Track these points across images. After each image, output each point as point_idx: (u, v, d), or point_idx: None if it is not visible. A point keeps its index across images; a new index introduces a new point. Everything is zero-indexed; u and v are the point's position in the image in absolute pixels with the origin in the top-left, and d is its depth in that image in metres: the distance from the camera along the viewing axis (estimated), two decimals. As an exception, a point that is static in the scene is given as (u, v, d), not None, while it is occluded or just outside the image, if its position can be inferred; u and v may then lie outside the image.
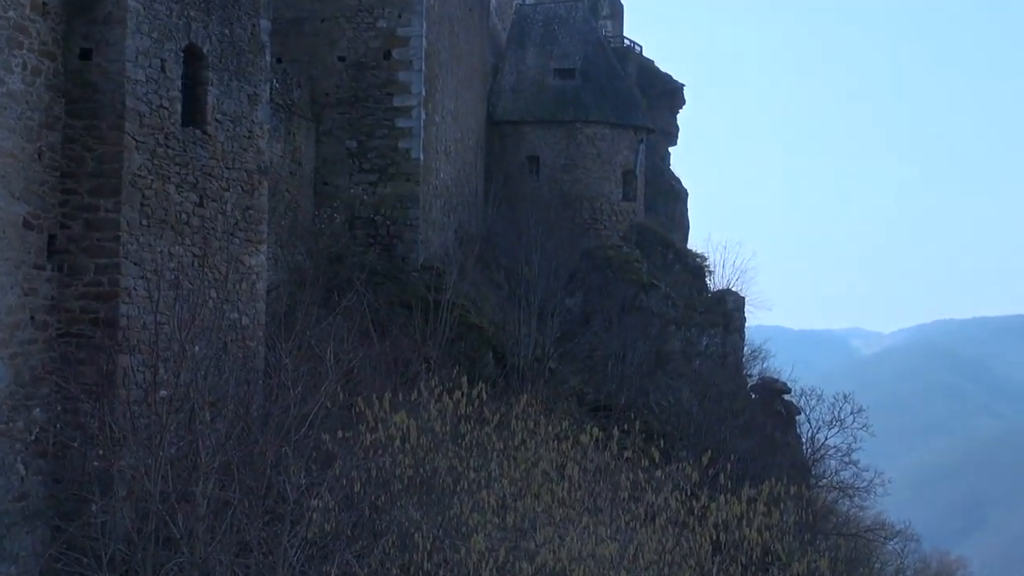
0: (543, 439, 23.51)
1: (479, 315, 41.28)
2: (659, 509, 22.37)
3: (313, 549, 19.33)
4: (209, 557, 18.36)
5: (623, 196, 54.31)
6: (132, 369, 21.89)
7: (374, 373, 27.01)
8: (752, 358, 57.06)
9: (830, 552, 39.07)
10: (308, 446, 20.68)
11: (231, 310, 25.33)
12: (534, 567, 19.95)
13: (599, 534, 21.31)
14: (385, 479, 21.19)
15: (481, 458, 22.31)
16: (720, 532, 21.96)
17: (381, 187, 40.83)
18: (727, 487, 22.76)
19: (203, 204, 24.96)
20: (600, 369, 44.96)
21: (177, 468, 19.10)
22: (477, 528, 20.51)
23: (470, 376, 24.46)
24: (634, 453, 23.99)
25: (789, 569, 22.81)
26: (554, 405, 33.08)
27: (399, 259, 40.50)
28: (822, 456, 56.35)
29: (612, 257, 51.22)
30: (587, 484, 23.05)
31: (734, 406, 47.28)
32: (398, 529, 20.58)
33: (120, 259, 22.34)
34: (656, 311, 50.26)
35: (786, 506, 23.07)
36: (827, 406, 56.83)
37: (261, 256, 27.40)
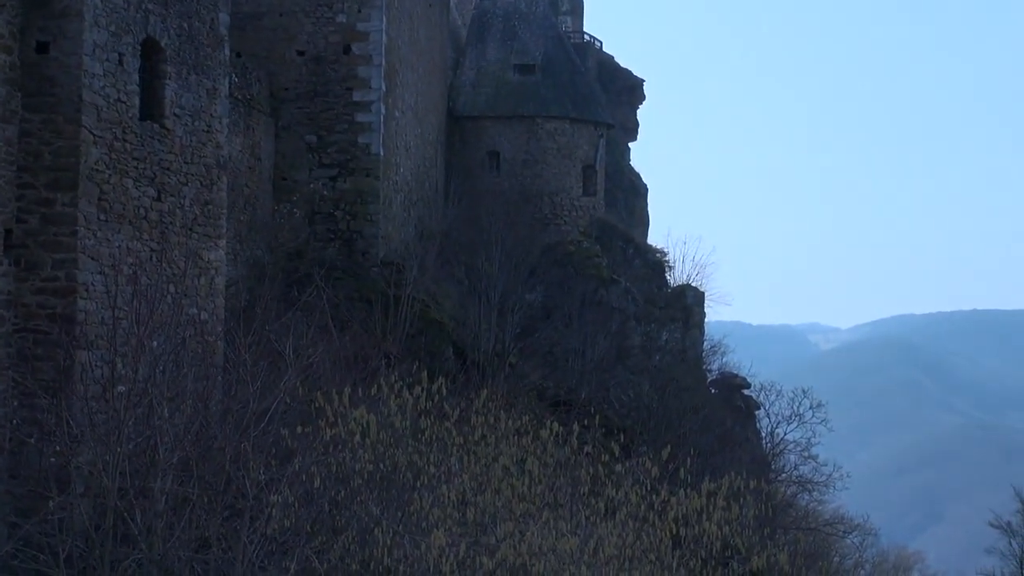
0: (503, 434, 23.49)
1: (439, 310, 41.26)
2: (619, 504, 22.39)
3: (272, 545, 19.25)
4: (168, 553, 18.27)
5: (583, 191, 54.39)
6: (90, 364, 21.75)
7: (334, 368, 26.91)
8: (711, 353, 57.23)
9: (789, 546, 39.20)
10: (267, 442, 20.62)
11: (189, 305, 25.20)
12: (494, 562, 19.94)
13: (559, 529, 21.33)
14: (345, 475, 21.14)
15: (441, 453, 22.29)
16: (680, 526, 22.01)
17: (341, 182, 40.71)
18: (687, 482, 22.82)
19: (161, 199, 24.80)
20: (560, 364, 45.03)
21: (135, 464, 18.98)
22: (437, 523, 20.49)
23: (430, 371, 24.44)
24: (594, 448, 24.03)
25: (748, 563, 22.91)
26: (514, 400, 33.10)
27: (359, 254, 40.40)
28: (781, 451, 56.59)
29: (572, 252, 51.27)
30: (547, 479, 23.06)
31: (694, 401, 47.42)
32: (358, 525, 20.53)
33: (77, 254, 22.15)
34: (616, 306, 50.35)
35: (745, 500, 23.13)
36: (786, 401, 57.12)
37: (220, 251, 27.26)
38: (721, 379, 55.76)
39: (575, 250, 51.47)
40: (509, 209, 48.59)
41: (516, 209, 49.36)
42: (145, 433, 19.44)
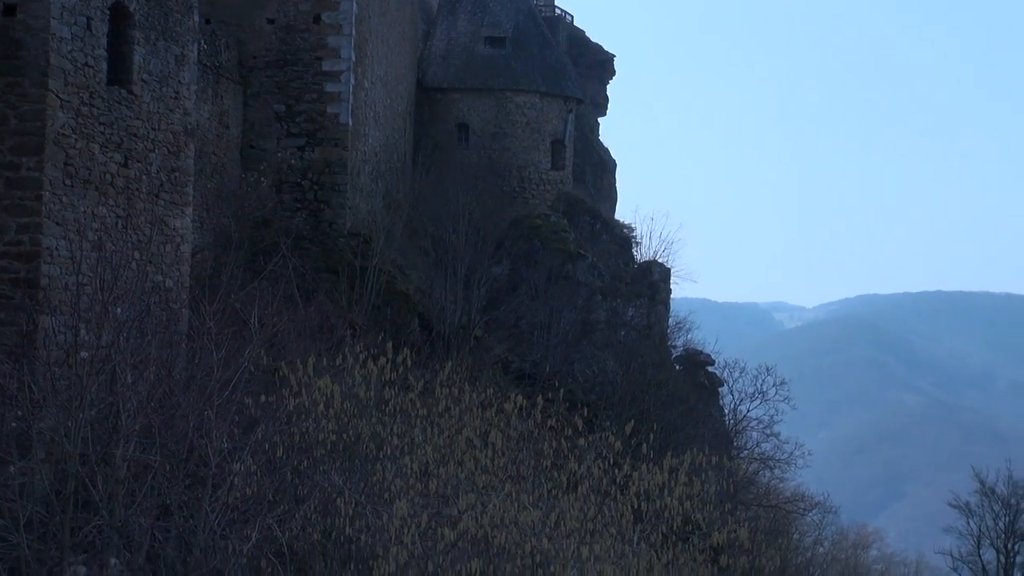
0: (467, 406, 23.52)
1: (405, 282, 41.22)
2: (581, 477, 22.46)
3: (234, 513, 19.24)
4: (129, 520, 18.23)
5: (552, 165, 54.38)
6: (53, 330, 21.65)
7: (298, 338, 26.91)
8: (677, 330, 57.39)
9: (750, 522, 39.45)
10: (231, 410, 20.58)
11: (155, 272, 25.10)
12: (456, 533, 19.98)
13: (521, 501, 21.38)
14: (308, 444, 21.14)
15: (405, 424, 22.30)
16: (642, 501, 22.09)
17: (309, 151, 40.53)
18: (649, 457, 22.89)
19: (128, 165, 24.66)
20: (525, 338, 45.06)
21: (97, 430, 18.91)
22: (400, 494, 20.51)
23: (395, 342, 24.43)
24: (558, 422, 24.09)
25: (709, 538, 23.03)
26: (479, 373, 33.12)
27: (326, 224, 40.26)
28: (744, 428, 56.85)
29: (540, 226, 51.23)
30: (510, 452, 23.10)
31: (658, 377, 47.55)
32: (320, 494, 20.53)
33: (42, 219, 22.02)
34: (582, 281, 50.38)
35: (707, 476, 23.25)
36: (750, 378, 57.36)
37: (186, 218, 27.15)
38: (686, 355, 55.94)
39: (542, 224, 51.43)
40: (477, 182, 48.51)
41: (484, 182, 49.27)
42: (108, 399, 19.36)
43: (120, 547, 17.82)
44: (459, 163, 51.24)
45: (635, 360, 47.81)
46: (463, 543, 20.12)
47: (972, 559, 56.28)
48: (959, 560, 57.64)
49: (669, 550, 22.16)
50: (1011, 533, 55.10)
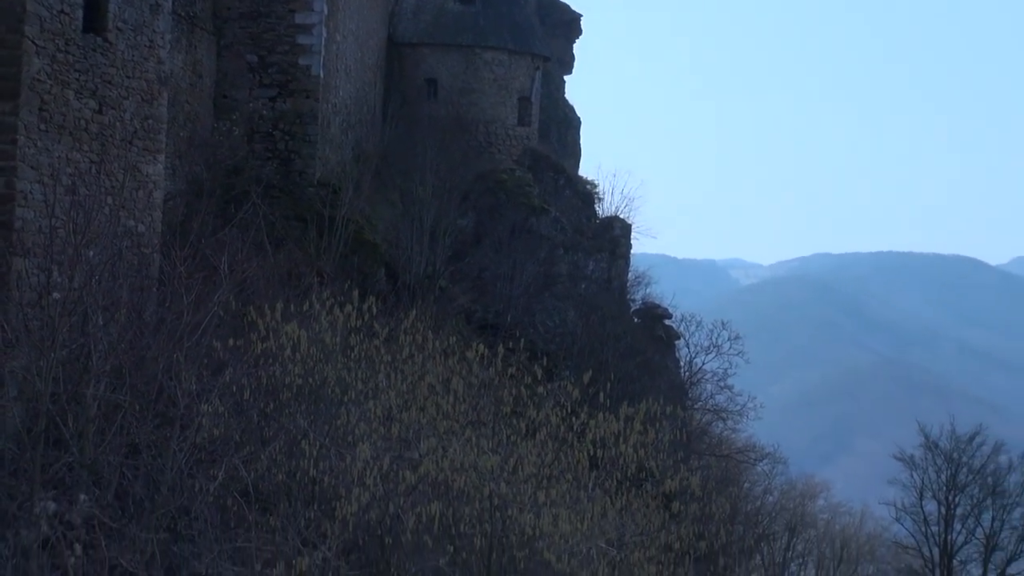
0: (430, 354, 23.54)
1: (373, 232, 41.16)
2: (540, 424, 22.53)
3: (202, 453, 19.27)
4: (98, 458, 18.22)
5: (518, 121, 54.32)
6: (26, 272, 21.55)
7: (267, 284, 26.84)
8: (636, 284, 57.56)
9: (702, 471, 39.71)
10: (199, 353, 20.57)
11: (127, 217, 24.97)
12: (417, 476, 20.05)
13: (481, 446, 21.45)
14: (274, 387, 21.15)
15: (369, 370, 22.30)
16: (598, 448, 22.18)
17: (280, 102, 40.31)
18: (606, 406, 22.97)
19: (102, 111, 24.48)
20: (489, 289, 45.12)
21: (68, 370, 18.86)
22: (363, 438, 20.54)
23: (362, 291, 24.40)
24: (518, 370, 24.10)
25: (662, 485, 23.13)
26: (442, 322, 33.17)
27: (296, 174, 40.10)
28: (699, 380, 57.22)
29: (505, 180, 51.20)
30: (471, 398, 23.15)
31: (616, 329, 47.73)
32: (286, 436, 20.56)
33: (17, 162, 21.86)
34: (545, 235, 50.42)
35: (662, 426, 23.32)
36: (705, 332, 57.75)
37: (159, 165, 26.99)
38: (644, 309, 56.11)
39: (507, 178, 51.41)
40: (444, 136, 48.41)
41: (451, 136, 49.18)
42: (79, 340, 19.31)
43: (89, 484, 17.81)
44: (427, 117, 51.10)
45: (595, 312, 47.96)
46: (424, 486, 20.22)
47: (914, 510, 56.85)
48: (902, 511, 58.22)
49: (623, 496, 22.29)
50: (952, 486, 55.68)
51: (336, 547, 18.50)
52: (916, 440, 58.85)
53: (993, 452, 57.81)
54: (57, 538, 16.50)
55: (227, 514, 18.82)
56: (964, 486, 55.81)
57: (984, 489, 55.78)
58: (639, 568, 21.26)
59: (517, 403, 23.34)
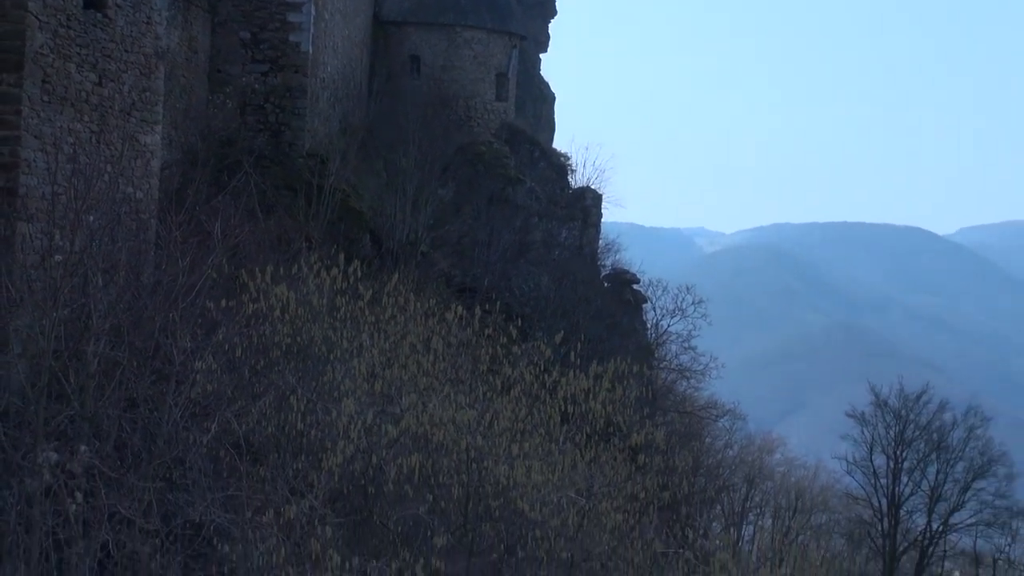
0: (412, 315, 23.52)
1: (358, 200, 41.05)
2: (514, 381, 22.58)
3: (196, 407, 19.23)
4: (98, 411, 18.18)
5: (496, 97, 54.17)
6: (30, 235, 21.41)
7: (258, 249, 26.77)
8: (606, 251, 57.55)
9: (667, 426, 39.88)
10: (194, 313, 20.51)
11: (125, 184, 24.80)
12: (398, 430, 20.09)
13: (459, 402, 21.48)
14: (264, 346, 21.13)
15: (354, 330, 22.29)
16: (568, 404, 22.24)
17: (272, 77, 40.12)
18: (577, 364, 23.01)
19: (102, 84, 24.29)
20: (467, 254, 45.07)
21: (70, 328, 18.78)
22: (348, 393, 20.55)
23: (347, 255, 24.31)
24: (494, 331, 24.13)
25: (628, 439, 23.20)
26: (424, 285, 33.10)
27: (286, 145, 39.95)
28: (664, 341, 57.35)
29: (483, 153, 51.11)
30: (450, 357, 23.17)
31: (587, 293, 47.76)
32: (275, 392, 20.56)
33: (21, 132, 21.68)
34: (521, 204, 50.38)
35: (629, 384, 23.36)
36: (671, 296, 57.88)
37: (156, 135, 26.82)
38: (613, 274, 56.14)
39: (486, 151, 51.32)
40: (427, 110, 48.28)
41: (433, 110, 49.02)
42: (80, 300, 19.22)
43: (90, 436, 17.78)
44: (410, 92, 50.93)
45: (567, 277, 47.98)
46: (405, 439, 20.25)
47: (865, 464, 57.24)
48: (853, 465, 58.61)
49: (592, 449, 22.37)
50: (900, 441, 56.05)
51: (322, 496, 18.52)
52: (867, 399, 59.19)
53: (938, 410, 58.20)
54: (59, 486, 16.49)
55: (220, 465, 18.83)
56: (911, 441, 56.18)
57: (929, 444, 56.17)
58: (606, 516, 21.34)
59: (493, 362, 23.38)
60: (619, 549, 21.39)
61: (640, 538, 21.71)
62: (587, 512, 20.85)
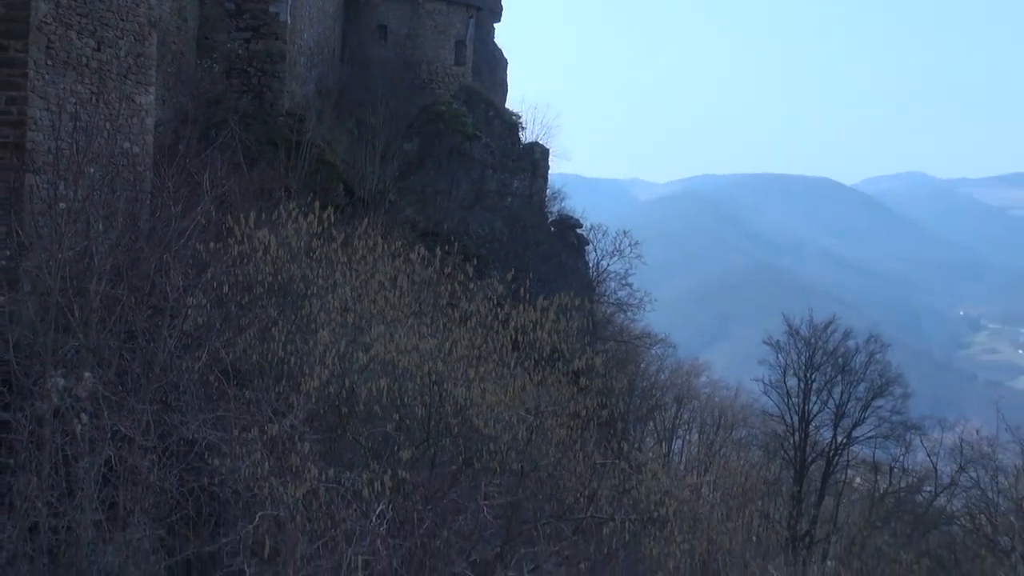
0: (380, 256, 23.45)
1: (333, 154, 40.82)
2: (471, 314, 22.60)
3: (188, 339, 19.18)
4: (101, 342, 18.12)
5: (455, 62, 53.86)
6: (37, 186, 21.20)
7: (243, 197, 26.55)
8: (552, 199, 57.56)
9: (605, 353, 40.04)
10: (186, 254, 20.40)
11: (123, 140, 24.55)
12: (368, 357, 20.11)
13: (422, 332, 21.51)
14: (249, 283, 21.04)
15: (328, 269, 22.23)
16: (518, 334, 22.28)
17: (254, 43, 39.70)
18: (526, 299, 23.04)
19: (100, 49, 23.97)
20: (430, 202, 45.00)
21: (74, 269, 18.67)
22: (323, 325, 20.54)
23: (322, 203, 24.16)
24: (453, 269, 24.10)
25: (572, 364, 23.31)
26: (391, 229, 32.98)
27: (267, 105, 39.63)
28: (604, 279, 57.58)
29: (443, 112, 50.85)
30: (414, 292, 23.17)
31: (536, 236, 47.85)
32: (258, 324, 20.52)
33: (28, 93, 21.43)
34: (477, 157, 50.22)
35: (572, 316, 23.39)
36: (610, 239, 58.07)
37: (150, 96, 26.52)
38: (559, 220, 56.19)
39: (445, 110, 51.06)
40: (393, 74, 47.99)
41: (399, 74, 48.74)
42: (83, 244, 19.10)
43: (93, 364, 17.73)
44: (378, 58, 50.56)
45: (518, 223, 48.04)
46: (374, 365, 20.28)
47: (779, 385, 57.67)
48: (769, 386, 59.04)
49: (539, 373, 22.45)
50: (810, 365, 56.51)
51: (301, 416, 18.56)
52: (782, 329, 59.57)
53: (843, 338, 58.67)
54: (66, 408, 16.47)
55: (210, 389, 18.81)
56: (819, 365, 56.65)
57: (835, 368, 56.65)
58: (552, 432, 21.48)
59: (452, 297, 23.39)
60: (563, 460, 21.56)
61: (581, 450, 21.89)
62: (535, 428, 20.99)
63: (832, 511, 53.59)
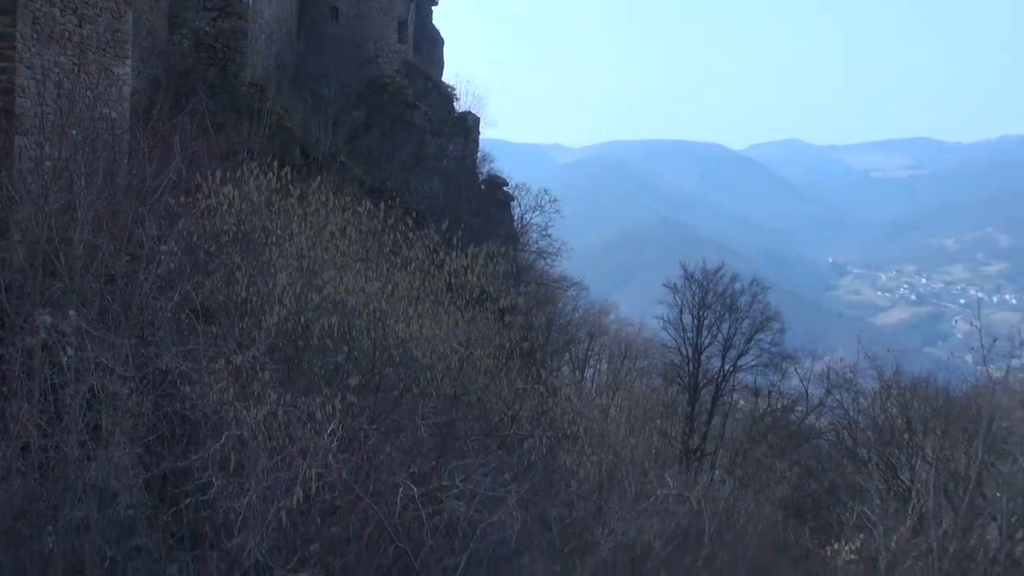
0: (331, 209, 23.26)
1: (290, 121, 40.27)
2: (411, 260, 22.55)
3: (162, 281, 18.92)
4: (84, 285, 17.83)
5: (398, 40, 53.27)
6: (25, 147, 20.74)
7: (210, 158, 26.10)
8: (482, 161, 57.32)
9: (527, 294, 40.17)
10: (159, 208, 20.08)
11: (102, 106, 24.02)
12: (321, 297, 20.01)
13: (368, 275, 21.44)
14: (215, 233, 20.79)
15: (286, 220, 22.03)
16: (452, 277, 22.31)
17: (219, 22, 38.91)
18: (459, 247, 23.04)
19: (81, 25, 23.36)
20: (376, 163, 44.65)
21: (60, 220, 18.30)
22: (281, 269, 20.38)
23: (281, 163, 23.88)
24: (396, 222, 23.99)
25: (498, 304, 23.41)
26: (341, 187, 32.64)
27: (232, 77, 38.94)
28: (526, 230, 57.57)
29: (387, 84, 50.40)
30: (361, 241, 23.05)
31: (468, 194, 47.74)
32: (224, 269, 20.30)
33: (16, 63, 20.90)
34: (417, 125, 49.87)
35: (498, 262, 23.43)
36: (532, 196, 57.94)
37: (126, 67, 25.93)
38: (488, 179, 56.01)
39: (389, 83, 50.60)
40: (344, 51, 47.47)
41: (348, 51, 48.22)
42: (67, 197, 18.72)
43: (78, 304, 17.45)
44: (330, 36, 49.91)
45: (453, 181, 47.88)
46: (326, 304, 20.19)
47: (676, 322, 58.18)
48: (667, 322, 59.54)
49: (470, 311, 22.53)
50: (702, 305, 57.02)
51: (262, 348, 18.45)
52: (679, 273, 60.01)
53: (730, 281, 59.22)
54: (53, 342, 16.22)
55: (181, 325, 18.61)
56: (710, 305, 57.18)
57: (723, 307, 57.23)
58: (480, 362, 21.60)
59: (395, 245, 23.30)
60: (490, 386, 21.71)
61: (506, 377, 22.06)
62: (466, 358, 21.08)
63: (719, 429, 54.49)
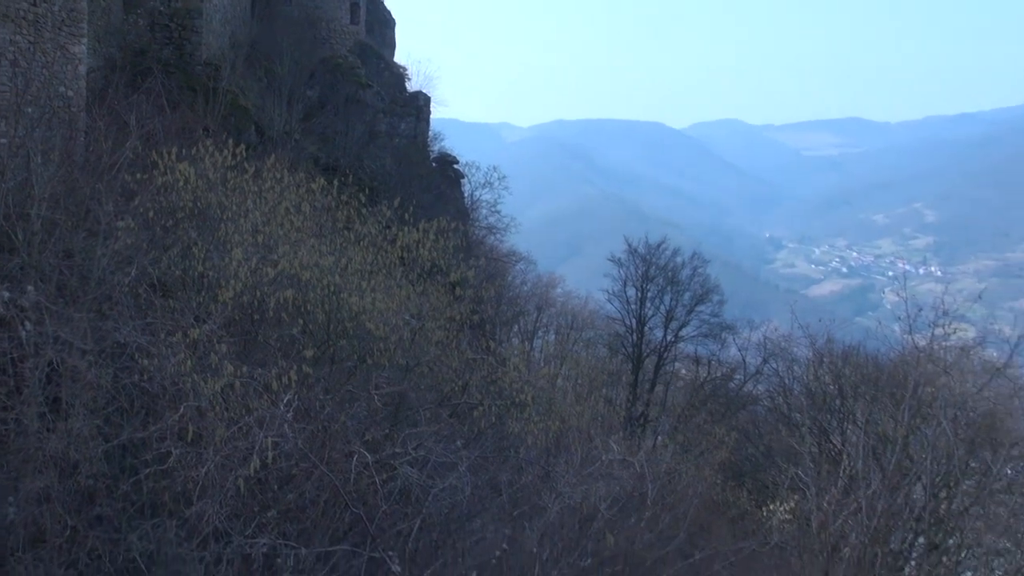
0: (286, 186, 22.99)
1: (245, 99, 39.72)
2: (364, 235, 22.42)
3: (119, 257, 18.61)
4: (42, 260, 17.49)
5: (350, 21, 52.68)
6: (-19, 124, 20.26)
7: (166, 135, 25.71)
8: (434, 139, 56.99)
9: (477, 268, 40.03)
10: (116, 184, 19.73)
11: (58, 85, 23.51)
12: (276, 272, 19.80)
13: (322, 250, 21.27)
14: (172, 209, 20.48)
15: (241, 197, 21.72)
16: (404, 251, 22.21)
17: (175, 1, 38.16)
18: (410, 223, 22.93)
19: (36, 5, 22.81)
20: (329, 141, 44.23)
21: (17, 196, 17.92)
22: (237, 245, 20.12)
23: (236, 141, 23.54)
24: (349, 198, 23.81)
25: (449, 277, 23.35)
26: (296, 164, 32.34)
27: (188, 56, 38.23)
28: (476, 206, 57.43)
29: (340, 64, 49.87)
30: (315, 217, 22.84)
31: (419, 171, 47.45)
32: (181, 244, 20.02)
33: (-29, 42, 20.39)
34: (370, 103, 49.44)
35: (449, 237, 23.36)
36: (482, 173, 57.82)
37: (82, 46, 25.36)
38: (439, 157, 55.73)
39: (342, 63, 50.07)
40: (298, 31, 46.78)
41: (302, 31, 47.54)
42: (24, 174, 18.33)
43: (36, 279, 17.11)
44: (284, 16, 49.15)
45: (404, 159, 47.56)
46: (281, 278, 19.99)
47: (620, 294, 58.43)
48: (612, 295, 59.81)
49: (421, 284, 22.46)
50: (645, 277, 57.31)
51: (219, 321, 18.24)
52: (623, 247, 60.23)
53: (672, 255, 59.58)
54: (12, 317, 15.91)
55: (139, 300, 18.34)
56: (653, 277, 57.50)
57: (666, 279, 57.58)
58: (432, 333, 21.56)
59: (348, 221, 23.13)
60: (442, 356, 21.68)
61: (456, 348, 22.03)
62: (418, 330, 21.02)
63: (662, 396, 54.94)
